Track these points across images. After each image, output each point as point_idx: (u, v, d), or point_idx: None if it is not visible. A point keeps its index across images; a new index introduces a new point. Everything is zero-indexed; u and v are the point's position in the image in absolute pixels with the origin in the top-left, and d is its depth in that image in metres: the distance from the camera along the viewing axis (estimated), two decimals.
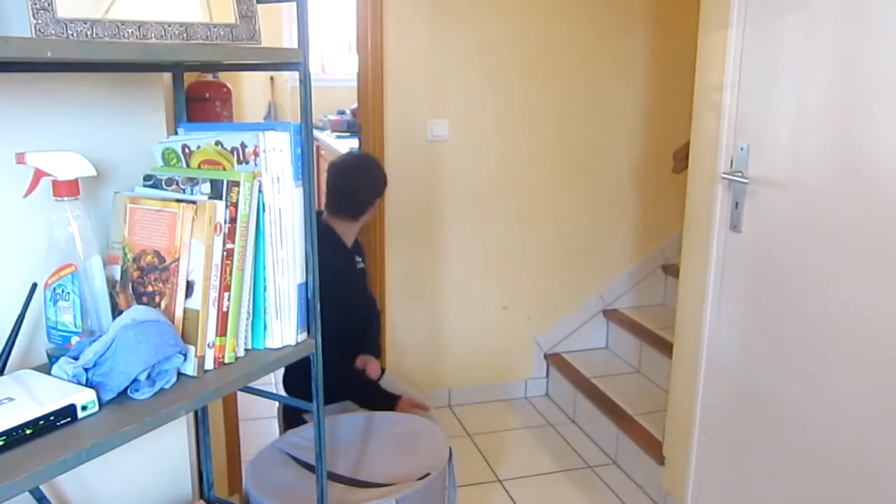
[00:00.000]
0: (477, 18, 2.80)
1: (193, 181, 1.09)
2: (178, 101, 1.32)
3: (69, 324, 1.02)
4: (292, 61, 1.11)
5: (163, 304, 1.05)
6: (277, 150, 1.10)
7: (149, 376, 0.97)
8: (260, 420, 2.91)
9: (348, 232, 2.20)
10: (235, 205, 1.06)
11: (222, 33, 1.02)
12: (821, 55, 1.58)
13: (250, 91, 5.30)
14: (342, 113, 5.10)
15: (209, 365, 1.06)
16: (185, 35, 0.97)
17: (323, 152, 5.15)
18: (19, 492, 0.80)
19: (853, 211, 1.51)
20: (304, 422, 1.93)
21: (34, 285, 1.05)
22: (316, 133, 4.79)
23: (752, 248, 1.82)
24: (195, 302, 1.04)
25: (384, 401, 2.11)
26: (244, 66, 1.43)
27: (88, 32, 0.88)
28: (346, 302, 2.22)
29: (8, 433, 0.83)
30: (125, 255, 1.09)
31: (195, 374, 1.05)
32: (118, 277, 1.09)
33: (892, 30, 1.40)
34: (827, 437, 1.62)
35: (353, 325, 2.27)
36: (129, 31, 0.92)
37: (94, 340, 0.97)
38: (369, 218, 2.27)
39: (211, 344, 1.06)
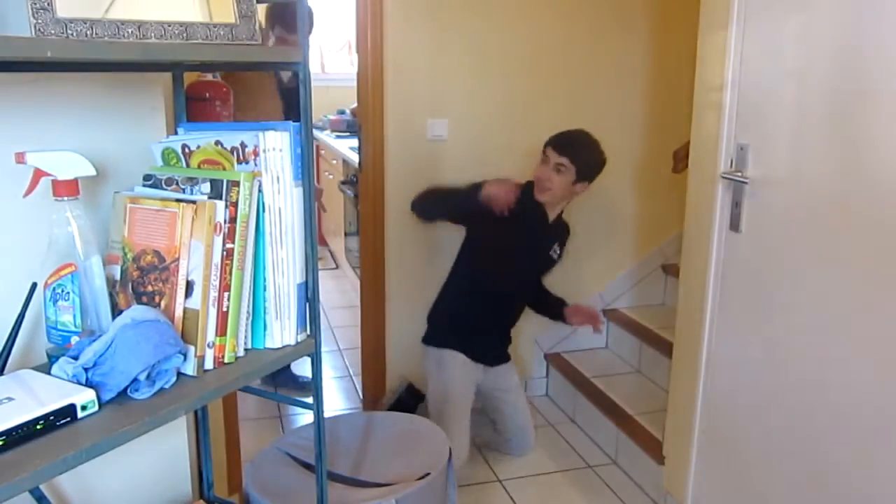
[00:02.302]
0: (477, 18, 2.79)
1: (193, 181, 1.09)
2: (177, 101, 1.32)
3: (69, 323, 1.02)
4: (292, 61, 1.11)
5: (163, 304, 1.05)
6: (277, 150, 1.10)
7: (148, 376, 0.97)
8: (260, 420, 2.91)
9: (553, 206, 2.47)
10: (235, 205, 1.06)
11: (222, 33, 1.02)
12: (821, 55, 1.58)
13: None
14: (342, 113, 5.10)
15: (209, 365, 1.06)
16: (185, 35, 0.97)
17: (323, 152, 5.15)
18: (19, 492, 0.80)
19: (853, 211, 1.51)
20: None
21: (34, 285, 1.05)
22: (316, 133, 4.79)
23: (752, 248, 1.82)
24: (195, 302, 1.04)
25: None
26: (244, 66, 1.43)
27: (88, 32, 0.88)
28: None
29: (8, 433, 0.83)
30: (125, 254, 1.09)
31: (195, 374, 1.05)
32: (118, 277, 1.10)
33: (893, 30, 1.40)
34: (827, 438, 1.62)
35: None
36: (129, 30, 0.92)
37: (93, 340, 0.97)
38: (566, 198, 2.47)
39: (211, 344, 1.06)
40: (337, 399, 3.19)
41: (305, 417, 2.93)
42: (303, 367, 3.09)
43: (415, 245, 2.92)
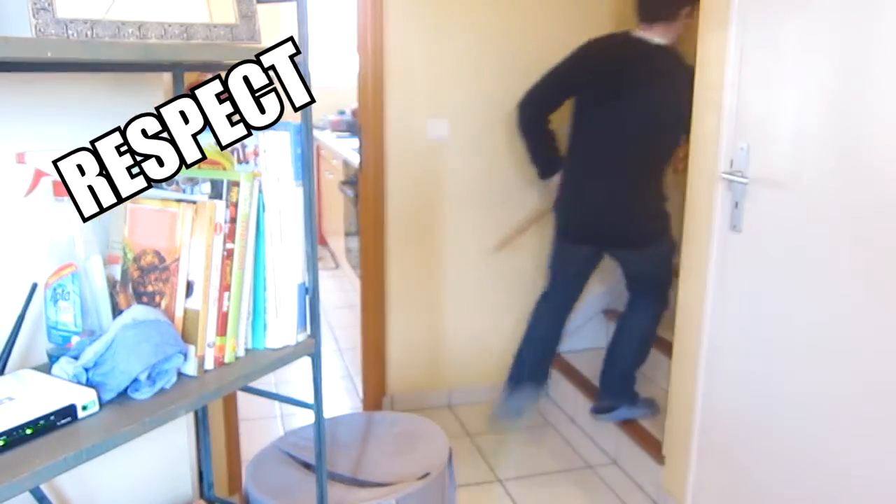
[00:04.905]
0: (477, 18, 2.80)
1: (193, 181, 1.09)
2: None
3: (69, 324, 1.02)
4: None
5: (163, 304, 1.05)
6: (277, 150, 1.10)
7: (149, 376, 0.98)
8: (260, 420, 2.92)
9: None
10: (235, 205, 1.06)
11: (222, 33, 1.02)
12: (821, 55, 1.58)
13: None
14: (342, 113, 5.10)
15: (209, 365, 1.07)
16: (185, 35, 0.97)
17: (323, 152, 5.15)
18: (20, 491, 0.80)
19: (853, 211, 1.52)
20: None
21: (34, 285, 1.05)
22: (316, 133, 4.79)
23: (752, 248, 1.82)
24: (195, 302, 1.04)
25: None
26: None
27: (88, 32, 0.88)
28: None
29: (8, 433, 0.83)
30: (125, 254, 1.09)
31: (195, 374, 1.05)
32: (118, 277, 1.10)
33: (893, 29, 1.40)
34: (827, 437, 1.62)
35: None
36: (130, 31, 0.92)
37: (94, 340, 0.97)
38: None
39: (211, 344, 1.06)
40: (337, 399, 3.19)
41: (305, 417, 2.93)
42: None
43: (415, 245, 2.92)
